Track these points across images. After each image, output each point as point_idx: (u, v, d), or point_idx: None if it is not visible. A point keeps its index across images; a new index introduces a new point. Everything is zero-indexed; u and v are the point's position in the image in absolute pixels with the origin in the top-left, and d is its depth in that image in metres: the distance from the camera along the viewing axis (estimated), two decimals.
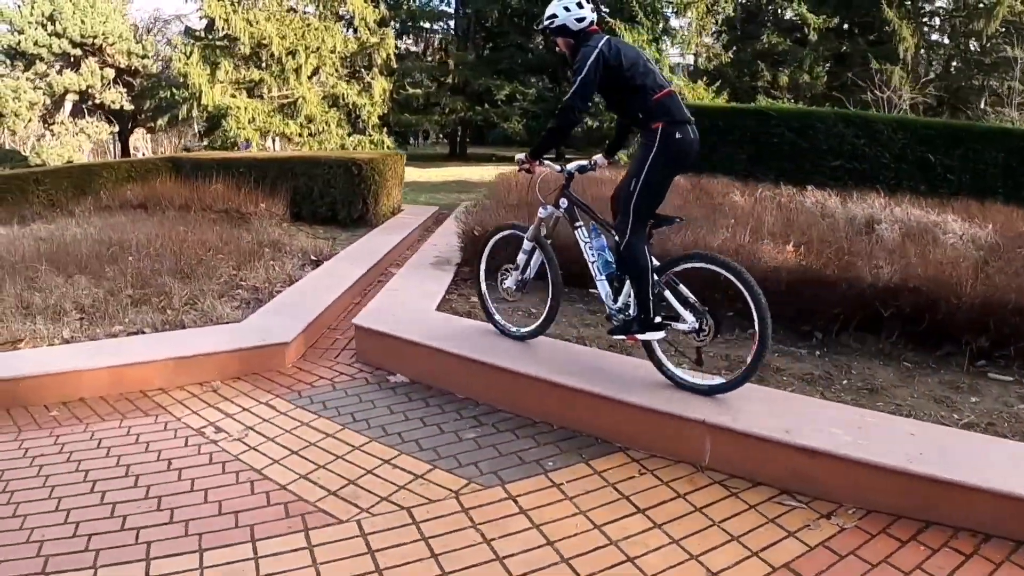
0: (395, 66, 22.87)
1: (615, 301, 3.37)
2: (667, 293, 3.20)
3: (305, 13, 21.76)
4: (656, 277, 3.18)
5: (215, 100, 20.32)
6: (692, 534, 2.40)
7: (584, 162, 3.67)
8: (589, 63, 3.10)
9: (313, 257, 6.27)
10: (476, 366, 3.55)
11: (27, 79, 22.71)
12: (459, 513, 2.53)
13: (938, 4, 23.19)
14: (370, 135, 22.21)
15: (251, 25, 20.31)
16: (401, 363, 3.93)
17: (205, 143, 22.44)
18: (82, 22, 22.68)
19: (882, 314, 4.02)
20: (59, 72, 22.96)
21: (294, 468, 2.87)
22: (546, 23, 3.39)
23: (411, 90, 23.93)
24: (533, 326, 3.79)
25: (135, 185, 10.38)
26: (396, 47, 22.80)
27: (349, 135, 22.05)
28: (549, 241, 3.74)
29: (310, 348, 4.39)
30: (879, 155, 10.96)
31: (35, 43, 22.48)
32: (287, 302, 4.88)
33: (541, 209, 3.66)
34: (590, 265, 3.50)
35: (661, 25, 20.50)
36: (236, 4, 20.46)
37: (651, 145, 3.09)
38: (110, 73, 23.51)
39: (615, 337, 3.42)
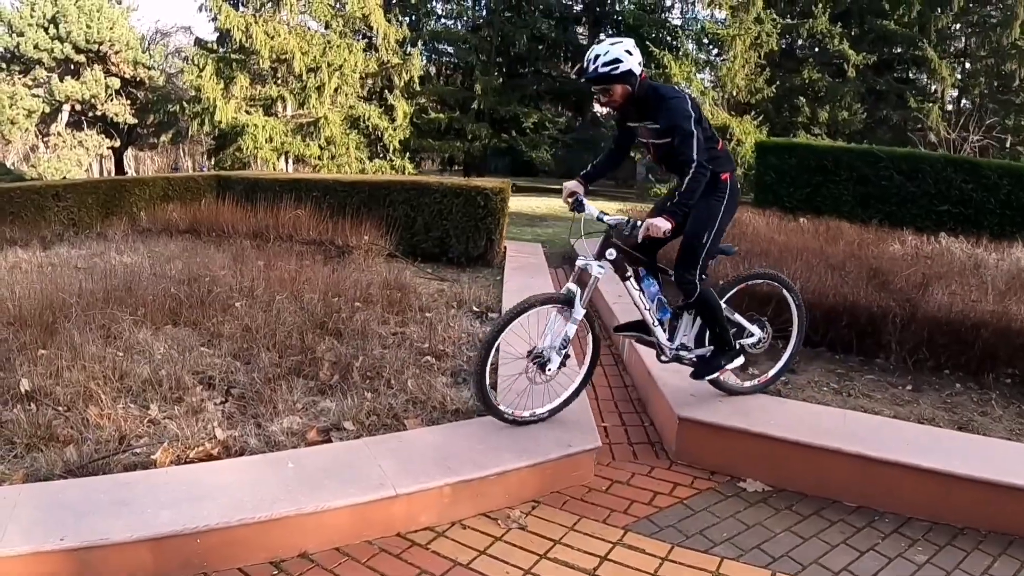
0: (418, 88, 21.80)
1: (673, 340, 3.30)
2: (736, 316, 3.33)
3: (319, 31, 20.63)
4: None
5: (229, 116, 19.02)
6: None
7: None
8: (693, 120, 2.90)
9: (476, 308, 5.02)
10: (878, 467, 2.89)
11: (24, 85, 21.00)
12: None
13: (965, 45, 23.02)
14: (391, 160, 21.05)
15: (271, 39, 19.14)
16: (753, 464, 3.06)
17: (213, 162, 21.03)
18: (87, 27, 21.08)
19: None
20: (60, 79, 21.27)
21: None
22: (605, 69, 2.95)
23: (433, 114, 22.83)
24: (556, 403, 3.19)
25: (176, 206, 9.13)
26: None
27: (370, 159, 20.88)
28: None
29: None
30: (985, 200, 10.50)
31: (35, 47, 20.82)
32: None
33: (596, 268, 3.03)
34: (644, 314, 3.23)
35: (705, 56, 19.89)
36: (256, 16, 19.32)
37: (721, 195, 3.12)
38: (115, 83, 21.90)
39: (706, 378, 3.29)
